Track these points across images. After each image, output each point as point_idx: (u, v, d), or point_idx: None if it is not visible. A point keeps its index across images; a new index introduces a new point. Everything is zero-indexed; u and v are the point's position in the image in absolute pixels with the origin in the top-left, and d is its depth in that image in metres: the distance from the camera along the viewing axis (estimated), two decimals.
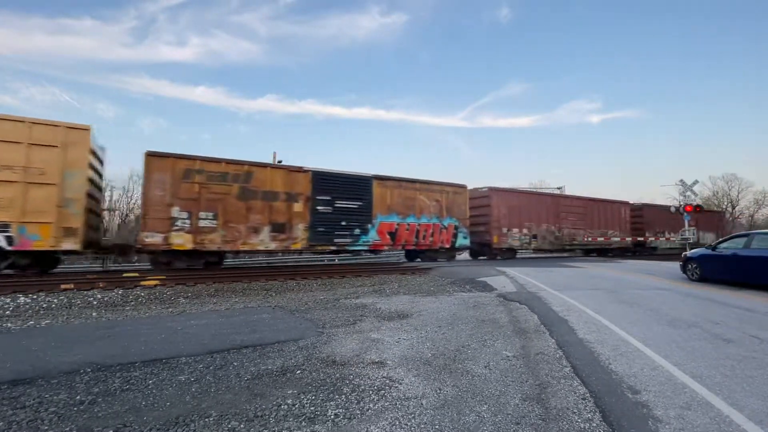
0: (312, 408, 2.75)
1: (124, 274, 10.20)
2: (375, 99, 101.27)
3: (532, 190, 20.31)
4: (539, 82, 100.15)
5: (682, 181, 18.58)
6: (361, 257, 20.04)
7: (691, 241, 17.69)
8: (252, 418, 2.58)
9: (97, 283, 8.79)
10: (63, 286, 8.33)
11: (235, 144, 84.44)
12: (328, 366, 3.65)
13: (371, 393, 3.01)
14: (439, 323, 5.42)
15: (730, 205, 49.18)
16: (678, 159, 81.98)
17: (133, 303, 7.43)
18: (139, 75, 74.99)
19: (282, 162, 16.15)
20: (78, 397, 2.91)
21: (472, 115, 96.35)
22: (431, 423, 2.54)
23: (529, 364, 3.71)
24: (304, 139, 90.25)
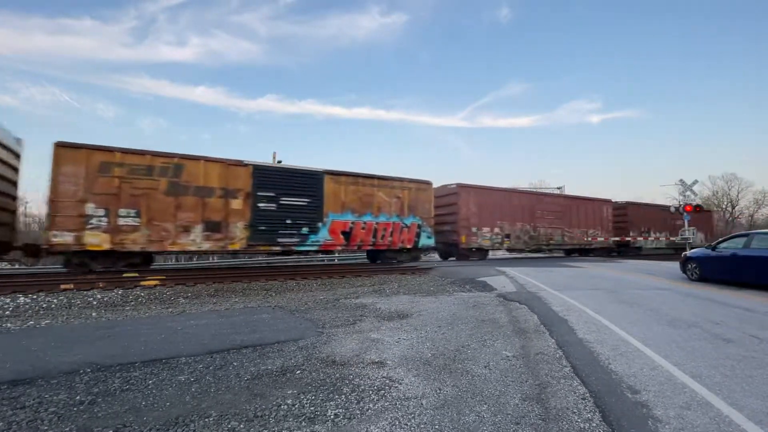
0: (312, 408, 2.75)
1: (124, 275, 10.20)
2: (375, 99, 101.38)
3: (505, 188, 19.07)
4: (539, 82, 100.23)
5: (681, 180, 18.56)
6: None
7: (690, 241, 17.68)
8: (252, 418, 2.58)
9: (96, 283, 8.79)
10: (63, 286, 8.33)
11: (235, 144, 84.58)
12: (328, 366, 3.65)
13: (371, 393, 3.01)
14: (439, 323, 5.42)
15: (730, 205, 49.23)
16: (678, 159, 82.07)
17: (132, 303, 7.43)
18: (139, 75, 75.04)
19: (282, 162, 16.13)
20: (78, 397, 2.91)
21: (472, 115, 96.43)
22: (431, 423, 2.54)
23: (529, 364, 3.71)
24: (304, 139, 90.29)
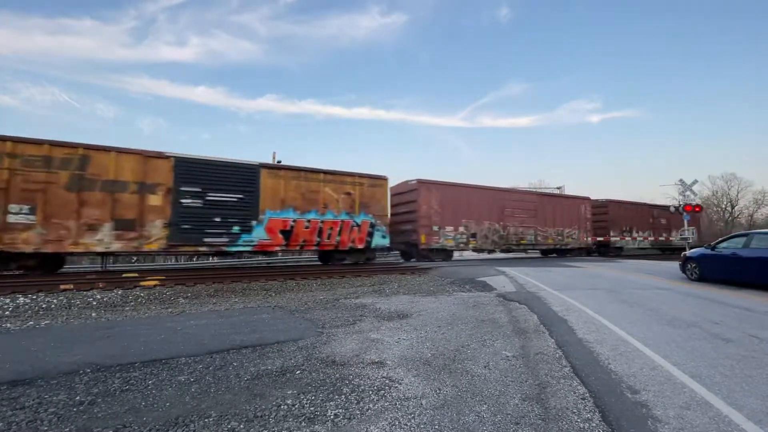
0: (312, 408, 2.75)
1: (124, 275, 10.20)
2: (375, 99, 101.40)
3: (470, 184, 17.67)
4: (539, 81, 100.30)
5: (681, 180, 18.58)
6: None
7: (690, 241, 17.67)
8: (252, 419, 2.58)
9: (96, 284, 8.79)
10: (62, 287, 8.32)
11: (235, 144, 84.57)
12: (328, 366, 3.65)
13: (371, 393, 3.01)
14: (439, 323, 5.42)
15: (730, 205, 49.28)
16: (678, 159, 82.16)
17: (132, 303, 7.43)
18: (138, 75, 75.01)
19: (281, 162, 16.09)
20: (77, 397, 2.91)
21: (472, 115, 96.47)
22: (431, 423, 2.54)
23: (529, 364, 3.71)
24: (304, 139, 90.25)
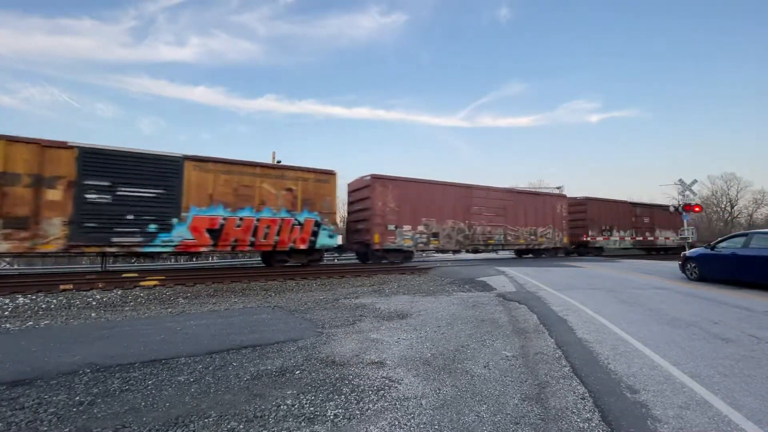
0: (311, 408, 2.75)
1: (124, 275, 10.20)
2: (375, 99, 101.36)
3: (431, 179, 16.46)
4: (539, 81, 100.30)
5: (681, 180, 18.61)
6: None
7: (689, 240, 17.67)
8: (251, 419, 2.58)
9: (96, 284, 8.79)
10: (62, 287, 8.32)
11: (235, 144, 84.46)
12: (328, 366, 3.65)
13: (371, 393, 3.02)
14: (439, 323, 5.43)
15: (729, 205, 49.32)
16: (677, 158, 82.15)
17: (132, 303, 7.42)
18: (138, 75, 74.95)
19: (281, 162, 16.08)
20: (77, 397, 2.91)
21: (472, 115, 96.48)
22: (431, 423, 2.54)
23: (529, 364, 3.71)
24: (303, 139, 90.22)
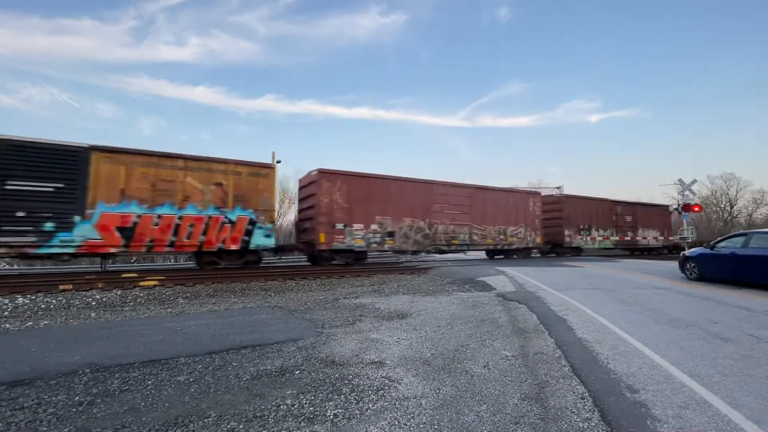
0: (311, 408, 2.75)
1: (123, 275, 10.19)
2: (375, 99, 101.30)
3: (387, 175, 15.38)
4: (539, 81, 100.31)
5: (680, 180, 18.62)
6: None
7: (689, 240, 17.66)
8: (251, 419, 2.58)
9: (95, 284, 8.78)
10: (61, 287, 8.32)
11: (235, 144, 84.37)
12: (328, 366, 3.65)
13: (370, 393, 3.02)
14: (438, 323, 5.43)
15: (729, 205, 49.35)
16: (677, 158, 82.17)
17: (131, 303, 7.42)
18: (138, 75, 74.90)
19: (280, 161, 16.04)
20: (77, 398, 2.91)
21: (472, 115, 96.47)
22: (430, 423, 2.54)
23: (528, 364, 3.71)
24: (303, 139, 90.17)
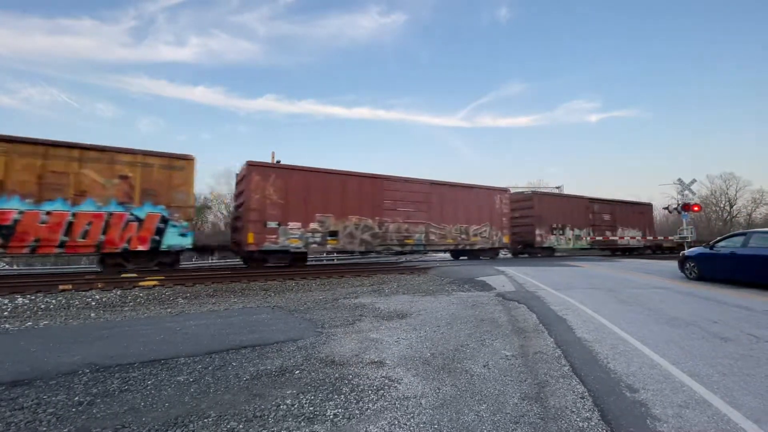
0: (311, 408, 2.75)
1: (123, 275, 10.19)
2: (375, 99, 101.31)
3: (327, 169, 14.14)
4: (538, 81, 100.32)
5: (680, 180, 18.62)
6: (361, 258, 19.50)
7: (689, 240, 17.67)
8: (251, 419, 2.58)
9: (95, 284, 8.78)
10: (61, 287, 8.31)
11: (235, 144, 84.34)
12: (327, 366, 3.65)
13: (370, 393, 3.02)
14: (438, 323, 5.43)
15: (728, 204, 49.38)
16: (676, 158, 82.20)
17: (131, 303, 7.42)
18: (138, 75, 74.84)
19: (280, 161, 16.04)
20: (76, 398, 2.90)
21: (472, 115, 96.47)
22: (430, 422, 2.54)
23: (528, 363, 3.72)
24: (303, 139, 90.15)
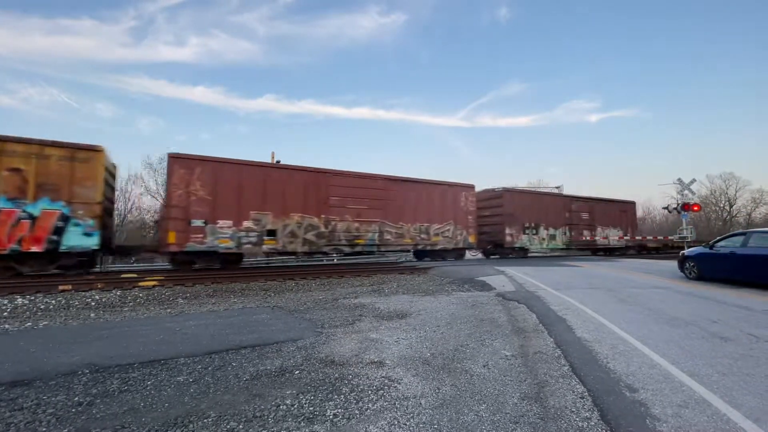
0: (311, 408, 2.75)
1: (123, 275, 10.18)
2: (375, 99, 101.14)
3: (264, 162, 12.95)
4: (538, 81, 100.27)
5: (679, 179, 18.61)
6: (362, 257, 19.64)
7: (688, 239, 17.67)
8: (251, 419, 2.58)
9: (95, 284, 8.78)
10: (61, 287, 8.31)
11: (235, 144, 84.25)
12: (327, 366, 3.65)
13: (370, 393, 3.02)
14: (438, 323, 5.43)
15: (728, 204, 49.40)
16: (676, 158, 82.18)
17: (131, 304, 7.42)
18: (138, 75, 74.77)
19: (279, 162, 16.04)
20: (76, 398, 2.90)
21: (472, 115, 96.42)
22: (430, 422, 2.54)
23: (528, 363, 3.72)
24: (303, 139, 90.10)
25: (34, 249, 9.61)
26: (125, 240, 22.81)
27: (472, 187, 17.41)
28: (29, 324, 5.56)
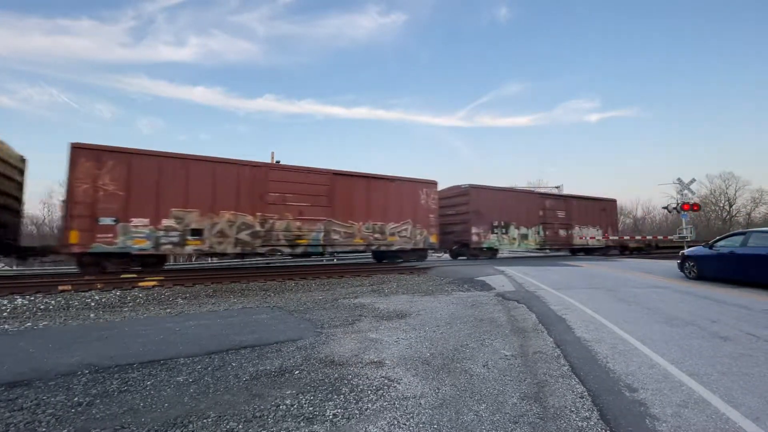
0: (311, 408, 2.75)
1: (122, 275, 10.18)
2: (374, 99, 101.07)
3: (188, 154, 11.52)
4: (538, 81, 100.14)
5: (679, 179, 18.64)
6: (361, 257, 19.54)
7: (688, 239, 17.70)
8: (250, 419, 2.58)
9: (94, 284, 8.77)
10: (61, 288, 8.31)
11: (235, 144, 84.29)
12: (327, 366, 3.65)
13: (370, 393, 3.02)
14: (438, 323, 5.43)
15: (728, 204, 49.43)
16: (676, 158, 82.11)
17: (131, 304, 7.41)
18: (137, 75, 74.80)
19: (279, 162, 16.04)
20: (76, 398, 2.90)
21: (472, 115, 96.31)
22: (430, 422, 2.54)
23: (528, 363, 3.72)
24: (303, 139, 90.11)
25: None
26: (41, 242, 21.28)
27: (434, 183, 16.09)
28: (29, 324, 5.56)
